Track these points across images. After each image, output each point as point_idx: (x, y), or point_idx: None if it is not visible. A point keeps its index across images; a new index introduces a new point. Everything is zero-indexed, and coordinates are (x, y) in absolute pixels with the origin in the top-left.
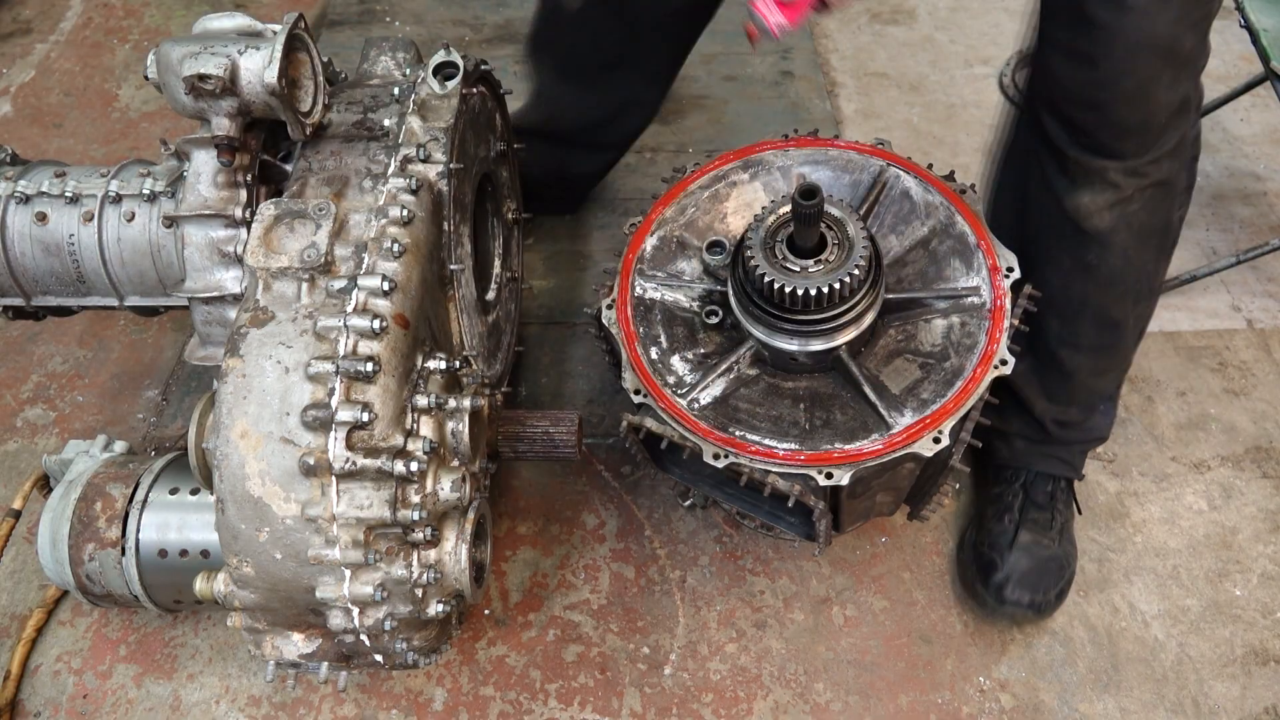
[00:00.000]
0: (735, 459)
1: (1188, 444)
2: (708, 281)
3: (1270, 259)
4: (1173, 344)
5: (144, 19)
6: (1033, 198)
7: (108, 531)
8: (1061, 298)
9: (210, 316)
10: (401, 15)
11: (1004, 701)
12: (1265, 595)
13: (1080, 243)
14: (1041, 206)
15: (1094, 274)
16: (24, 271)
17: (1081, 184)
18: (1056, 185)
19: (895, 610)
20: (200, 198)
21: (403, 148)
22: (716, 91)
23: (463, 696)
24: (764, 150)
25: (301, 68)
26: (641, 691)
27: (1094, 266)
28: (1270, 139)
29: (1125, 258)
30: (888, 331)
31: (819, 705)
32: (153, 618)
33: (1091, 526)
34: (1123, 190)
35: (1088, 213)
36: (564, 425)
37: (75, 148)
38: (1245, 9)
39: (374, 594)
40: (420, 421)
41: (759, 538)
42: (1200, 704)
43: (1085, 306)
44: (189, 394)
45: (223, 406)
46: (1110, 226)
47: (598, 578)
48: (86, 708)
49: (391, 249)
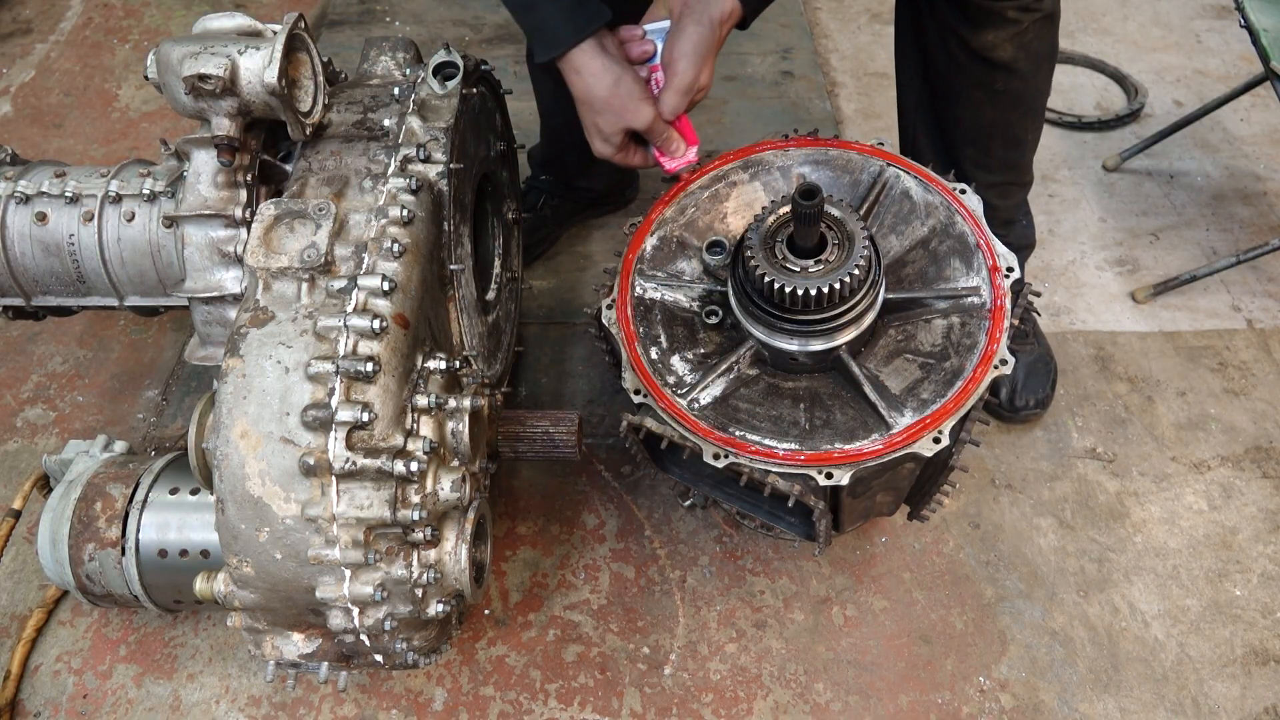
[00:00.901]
0: (735, 459)
1: (1188, 444)
2: (708, 281)
3: (1270, 259)
4: (1173, 344)
5: (144, 19)
6: (935, 45)
7: (108, 531)
8: (973, 125)
9: (210, 316)
10: (401, 15)
11: (1004, 701)
12: (1265, 595)
13: (989, 74)
14: (946, 51)
15: (1001, 99)
16: (24, 271)
17: (983, 24)
18: (961, 30)
19: (895, 610)
20: (200, 198)
21: (403, 148)
22: (716, 91)
23: (463, 696)
24: (764, 150)
25: (301, 68)
26: (641, 691)
27: (1001, 93)
28: (1270, 139)
29: (1025, 80)
30: (888, 331)
31: (819, 705)
32: (153, 618)
33: (1091, 526)
34: (1020, 24)
35: (992, 47)
36: (564, 425)
37: (75, 148)
38: (1245, 9)
39: (374, 594)
40: (420, 421)
41: (759, 538)
42: (1200, 704)
43: (995, 129)
44: (189, 394)
45: (223, 406)
46: (1013, 56)
47: (598, 578)
48: (86, 708)
49: (391, 249)
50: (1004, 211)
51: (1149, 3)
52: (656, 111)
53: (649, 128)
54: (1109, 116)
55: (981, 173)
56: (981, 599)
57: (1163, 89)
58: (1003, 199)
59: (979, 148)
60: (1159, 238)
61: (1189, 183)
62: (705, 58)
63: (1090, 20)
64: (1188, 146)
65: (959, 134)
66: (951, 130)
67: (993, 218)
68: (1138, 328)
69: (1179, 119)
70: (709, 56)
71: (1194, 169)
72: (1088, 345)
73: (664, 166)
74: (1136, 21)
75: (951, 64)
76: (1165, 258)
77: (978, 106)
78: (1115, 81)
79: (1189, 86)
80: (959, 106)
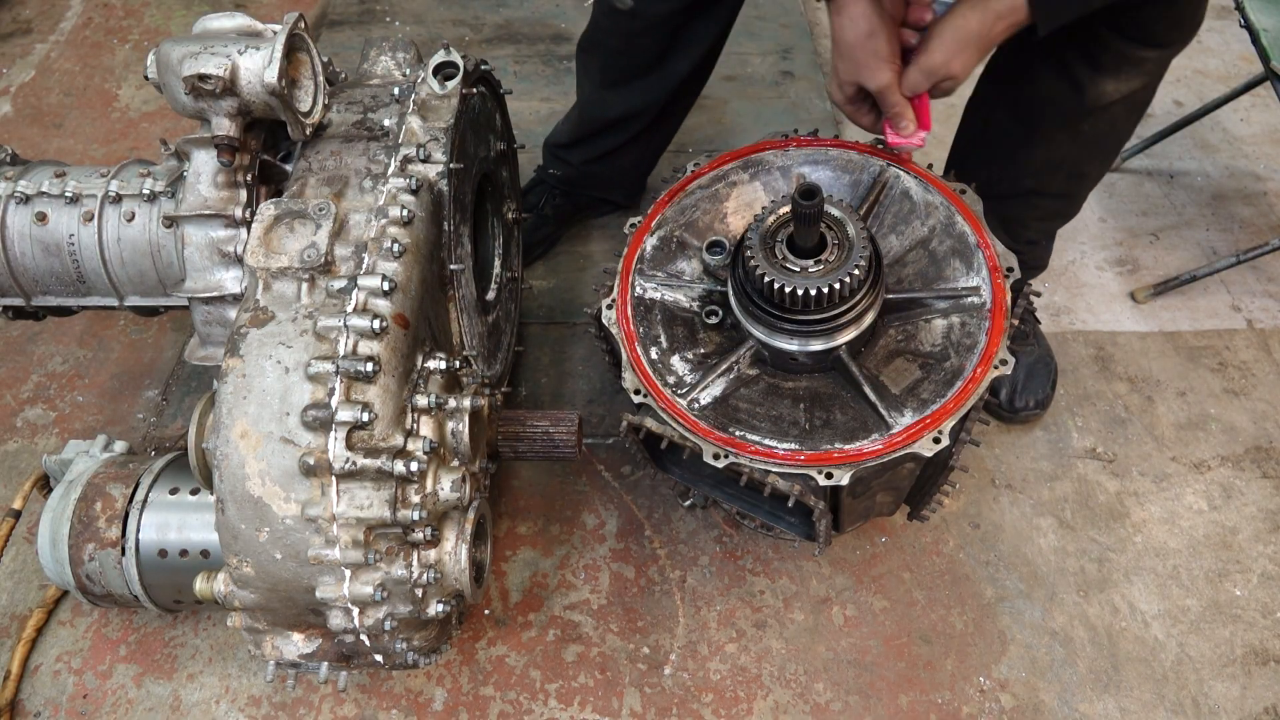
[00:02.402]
0: (735, 459)
1: (1188, 444)
2: (708, 281)
3: (1270, 259)
4: (1173, 344)
5: (144, 19)
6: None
7: (108, 531)
8: (1044, 158)
9: (210, 316)
10: (401, 15)
11: (1004, 701)
12: (1265, 595)
13: (1081, 117)
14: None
15: (1083, 140)
16: (24, 271)
17: (1109, 71)
18: (1078, 72)
19: (895, 610)
20: (200, 198)
21: (403, 148)
22: (716, 91)
23: (463, 696)
24: (764, 150)
25: (301, 68)
26: (641, 691)
27: (1085, 134)
28: (1270, 139)
29: (1114, 127)
30: (888, 331)
31: (819, 705)
32: (153, 618)
33: (1091, 526)
34: (1152, 75)
35: (1106, 96)
36: (564, 425)
37: (75, 148)
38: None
39: (374, 594)
40: (420, 421)
41: (759, 538)
42: (1200, 704)
43: (1064, 162)
44: (189, 394)
45: (223, 406)
46: (1113, 103)
47: (598, 578)
48: (86, 708)
49: (391, 249)
50: (1032, 233)
51: None
52: (895, 80)
53: (881, 93)
54: None
55: (1034, 197)
56: (981, 599)
57: (1163, 89)
58: (1042, 222)
59: (1044, 177)
60: (1159, 238)
61: (1189, 183)
62: (965, 46)
63: None
64: (1188, 146)
65: (1029, 162)
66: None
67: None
68: (1138, 328)
69: (1179, 119)
70: (971, 46)
71: (1194, 169)
72: (1088, 345)
73: (887, 138)
74: None
75: (1050, 103)
76: (1165, 258)
77: (1059, 147)
78: None
79: (1189, 86)
80: (1038, 138)
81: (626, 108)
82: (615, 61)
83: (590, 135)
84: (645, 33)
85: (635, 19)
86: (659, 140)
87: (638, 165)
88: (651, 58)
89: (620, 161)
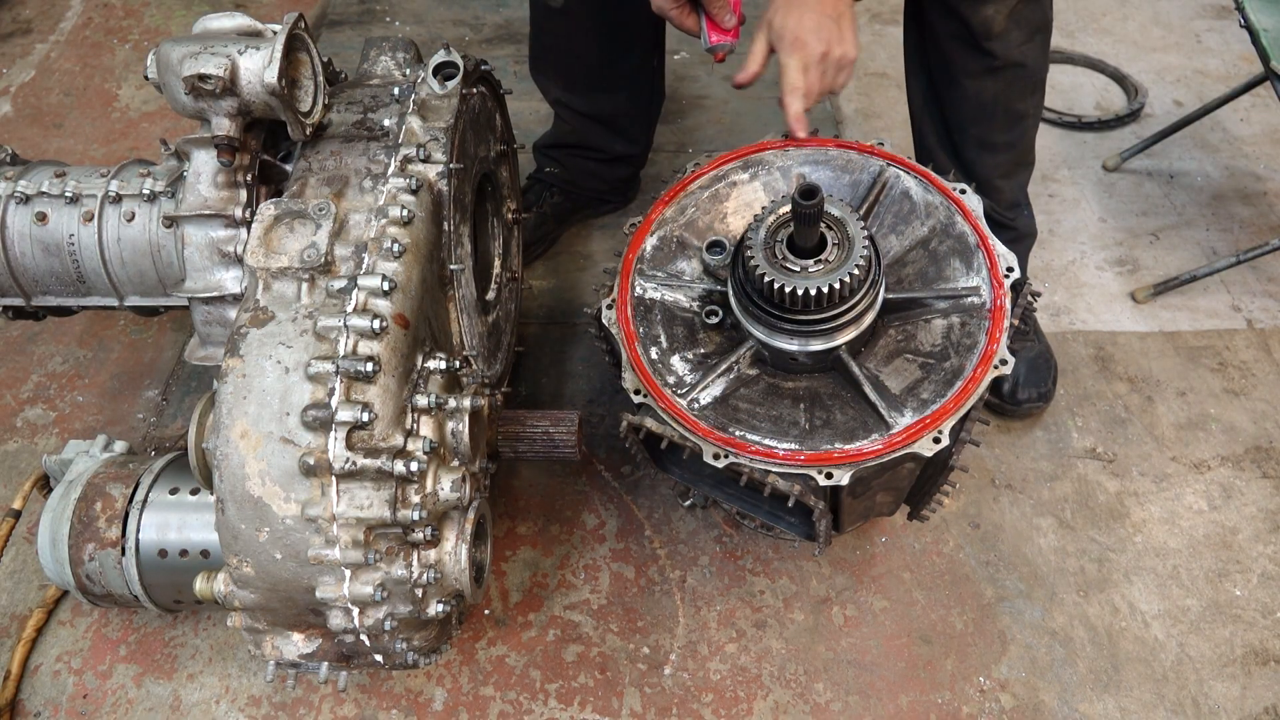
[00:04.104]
0: (735, 459)
1: (1188, 444)
2: (708, 281)
3: (1270, 259)
4: (1173, 344)
5: (144, 19)
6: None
7: (108, 531)
8: (975, 103)
9: (210, 316)
10: (401, 15)
11: (1004, 701)
12: (1265, 595)
13: (987, 48)
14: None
15: (998, 73)
16: (24, 271)
17: None
18: (961, 8)
19: (895, 610)
20: (200, 198)
21: (403, 148)
22: (716, 91)
23: (463, 696)
24: (764, 150)
25: (301, 68)
26: (641, 691)
27: (1000, 68)
28: (1270, 139)
29: (1021, 51)
30: (888, 331)
31: (819, 705)
32: (153, 618)
33: (1091, 526)
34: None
35: (990, 20)
36: (564, 425)
37: (75, 148)
38: (1245, 9)
39: (374, 594)
40: (420, 421)
41: (759, 538)
42: (1200, 704)
43: (995, 104)
44: (189, 394)
45: (223, 406)
46: (1005, 27)
47: (598, 578)
48: (86, 708)
49: (391, 249)
50: (1009, 194)
51: (1149, 3)
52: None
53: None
54: (1109, 116)
55: (986, 154)
56: (981, 599)
57: (1163, 89)
58: (1007, 179)
59: (982, 126)
60: (1159, 238)
61: (1189, 183)
62: None
63: (1090, 20)
64: (1188, 146)
65: (963, 114)
66: (956, 112)
67: (999, 200)
68: (1138, 328)
69: (1179, 119)
70: None
71: (1194, 169)
72: (1088, 345)
73: (710, 37)
74: (1136, 21)
75: (953, 44)
76: (1165, 258)
77: (979, 82)
78: (1115, 81)
79: (1189, 86)
80: (962, 85)
81: (592, 107)
82: (565, 63)
83: (569, 135)
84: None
85: (569, 18)
86: (637, 131)
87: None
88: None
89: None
